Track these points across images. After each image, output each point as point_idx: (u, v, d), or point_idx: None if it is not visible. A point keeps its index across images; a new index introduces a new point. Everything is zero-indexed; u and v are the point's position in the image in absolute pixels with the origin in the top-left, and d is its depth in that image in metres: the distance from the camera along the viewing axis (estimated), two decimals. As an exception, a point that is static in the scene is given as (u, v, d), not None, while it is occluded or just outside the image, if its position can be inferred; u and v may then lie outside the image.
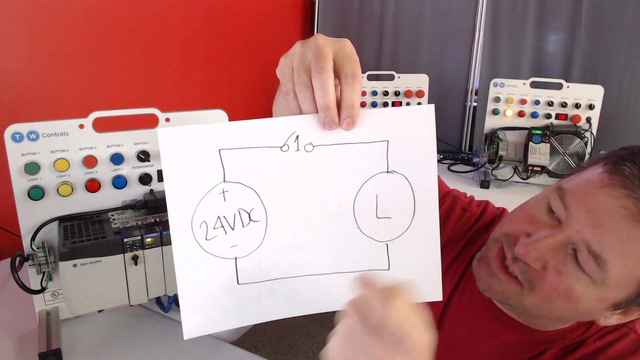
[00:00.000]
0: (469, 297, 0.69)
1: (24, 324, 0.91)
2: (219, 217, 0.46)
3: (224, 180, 0.45)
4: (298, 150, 0.46)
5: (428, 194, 0.47)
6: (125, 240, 0.81)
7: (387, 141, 0.46)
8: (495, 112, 1.84)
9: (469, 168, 2.01)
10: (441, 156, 2.09)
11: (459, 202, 0.77)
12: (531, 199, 0.59)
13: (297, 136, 0.45)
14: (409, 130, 0.46)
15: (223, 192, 0.45)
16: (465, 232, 0.75)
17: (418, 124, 0.46)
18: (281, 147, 0.45)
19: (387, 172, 0.47)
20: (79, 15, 1.44)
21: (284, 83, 0.45)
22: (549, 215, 0.54)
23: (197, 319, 0.47)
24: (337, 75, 0.44)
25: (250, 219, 0.46)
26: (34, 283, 0.86)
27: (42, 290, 0.85)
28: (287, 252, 0.47)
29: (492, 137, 1.80)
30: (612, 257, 0.47)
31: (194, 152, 0.44)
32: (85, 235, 0.81)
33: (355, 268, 0.48)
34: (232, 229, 0.46)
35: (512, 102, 1.82)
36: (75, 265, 0.78)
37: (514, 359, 0.64)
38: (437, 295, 0.49)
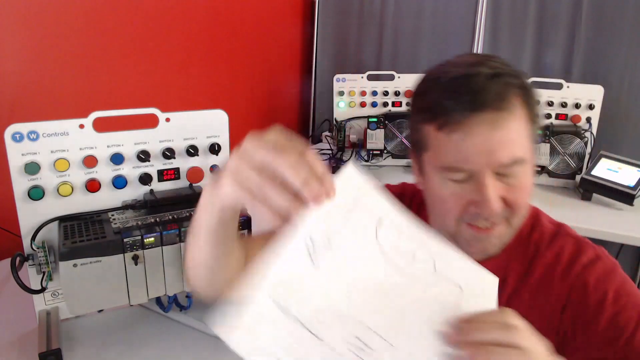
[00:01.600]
0: None
1: (24, 324, 0.91)
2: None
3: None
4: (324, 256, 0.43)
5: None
6: (125, 240, 0.81)
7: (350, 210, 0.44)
8: (495, 112, 1.83)
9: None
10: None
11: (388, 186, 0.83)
12: (430, 187, 0.67)
13: (312, 240, 0.42)
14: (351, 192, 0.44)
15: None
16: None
17: (353, 184, 0.45)
18: (313, 264, 0.43)
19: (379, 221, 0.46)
20: (79, 15, 1.44)
21: (245, 187, 0.41)
22: (460, 184, 0.62)
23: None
24: None
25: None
26: (34, 283, 0.86)
27: (42, 290, 0.85)
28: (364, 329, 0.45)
29: (492, 137, 1.79)
30: (517, 152, 0.60)
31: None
32: (85, 235, 0.81)
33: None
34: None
35: (512, 102, 1.82)
36: (75, 265, 0.78)
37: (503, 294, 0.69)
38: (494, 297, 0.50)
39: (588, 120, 1.74)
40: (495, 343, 0.44)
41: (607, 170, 1.63)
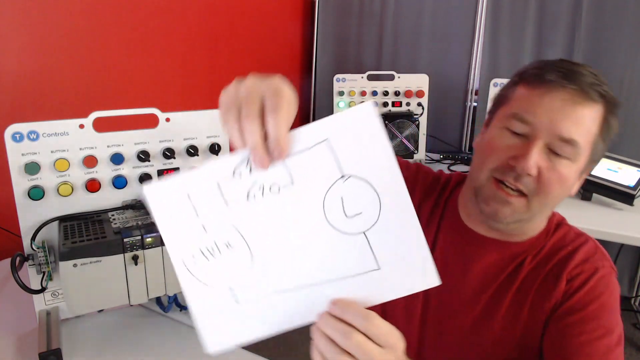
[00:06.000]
0: (450, 237, 0.79)
1: (24, 324, 0.91)
2: (203, 249, 0.50)
3: (198, 216, 0.49)
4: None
5: (392, 186, 0.47)
6: (125, 240, 0.81)
7: (327, 139, 0.46)
8: (495, 112, 1.83)
9: (469, 168, 2.01)
10: (441, 156, 2.09)
11: (424, 168, 0.88)
12: (486, 138, 0.73)
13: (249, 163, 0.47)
14: (351, 129, 0.46)
15: (203, 227, 0.49)
16: (434, 186, 0.86)
17: (360, 120, 0.46)
18: (233, 173, 0.47)
19: (343, 177, 0.47)
20: (80, 15, 1.44)
21: (224, 120, 0.47)
22: (516, 137, 0.68)
23: (215, 336, 0.54)
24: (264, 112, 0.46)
25: (232, 246, 0.49)
26: (34, 283, 0.86)
27: (42, 290, 0.85)
28: (275, 270, 0.50)
29: (492, 137, 1.79)
30: (578, 135, 0.65)
31: (173, 198, 0.49)
32: (85, 235, 0.81)
33: (346, 273, 0.50)
34: (218, 257, 0.50)
35: (512, 102, 1.82)
36: (75, 265, 0.78)
37: (496, 277, 0.75)
38: (434, 281, 0.49)
39: (588, 120, 1.74)
40: (336, 343, 0.47)
41: (607, 170, 1.63)
